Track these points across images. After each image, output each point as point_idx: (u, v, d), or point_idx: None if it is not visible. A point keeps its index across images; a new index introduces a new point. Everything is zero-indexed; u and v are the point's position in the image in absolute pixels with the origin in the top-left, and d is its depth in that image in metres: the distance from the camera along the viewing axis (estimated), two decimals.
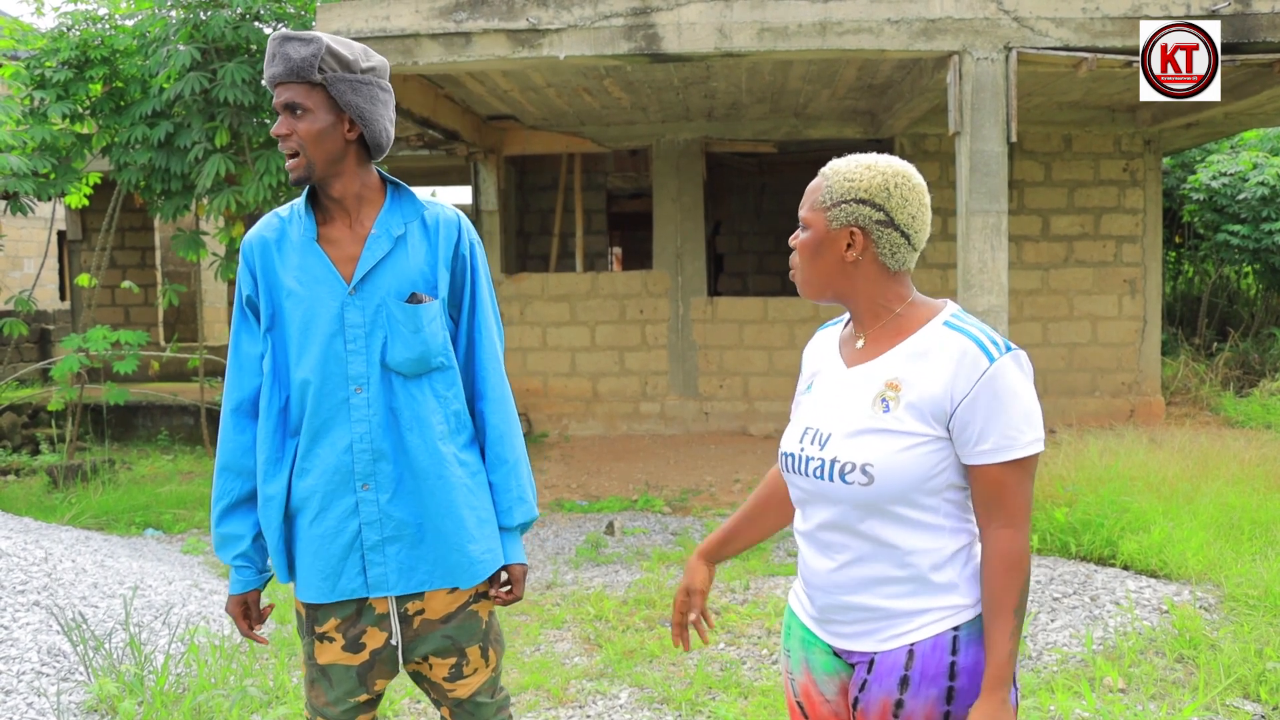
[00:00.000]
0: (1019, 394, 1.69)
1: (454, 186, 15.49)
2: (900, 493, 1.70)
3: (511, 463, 2.23)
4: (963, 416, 1.68)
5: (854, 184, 1.74)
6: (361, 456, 2.12)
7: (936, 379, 1.70)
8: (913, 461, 1.69)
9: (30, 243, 15.83)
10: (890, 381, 1.74)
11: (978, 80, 6.40)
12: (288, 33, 2.07)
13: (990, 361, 1.68)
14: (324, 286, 2.11)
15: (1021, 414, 1.68)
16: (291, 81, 2.05)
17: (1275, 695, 3.64)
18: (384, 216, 2.15)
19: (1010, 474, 1.68)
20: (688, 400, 10.35)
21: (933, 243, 10.23)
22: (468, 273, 2.21)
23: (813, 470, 1.78)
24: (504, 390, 2.26)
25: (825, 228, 1.76)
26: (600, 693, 3.91)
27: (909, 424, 1.70)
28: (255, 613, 2.23)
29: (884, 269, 1.77)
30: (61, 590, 4.52)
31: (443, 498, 2.14)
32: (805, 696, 1.90)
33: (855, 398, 1.77)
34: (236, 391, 2.19)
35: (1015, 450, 1.67)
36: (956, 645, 1.72)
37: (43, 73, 7.99)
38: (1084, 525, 5.51)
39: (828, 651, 1.85)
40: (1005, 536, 1.69)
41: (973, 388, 1.67)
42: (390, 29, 6.57)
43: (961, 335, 1.72)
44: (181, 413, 10.49)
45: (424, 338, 2.12)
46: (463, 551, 2.15)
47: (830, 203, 1.76)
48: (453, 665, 2.21)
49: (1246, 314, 13.21)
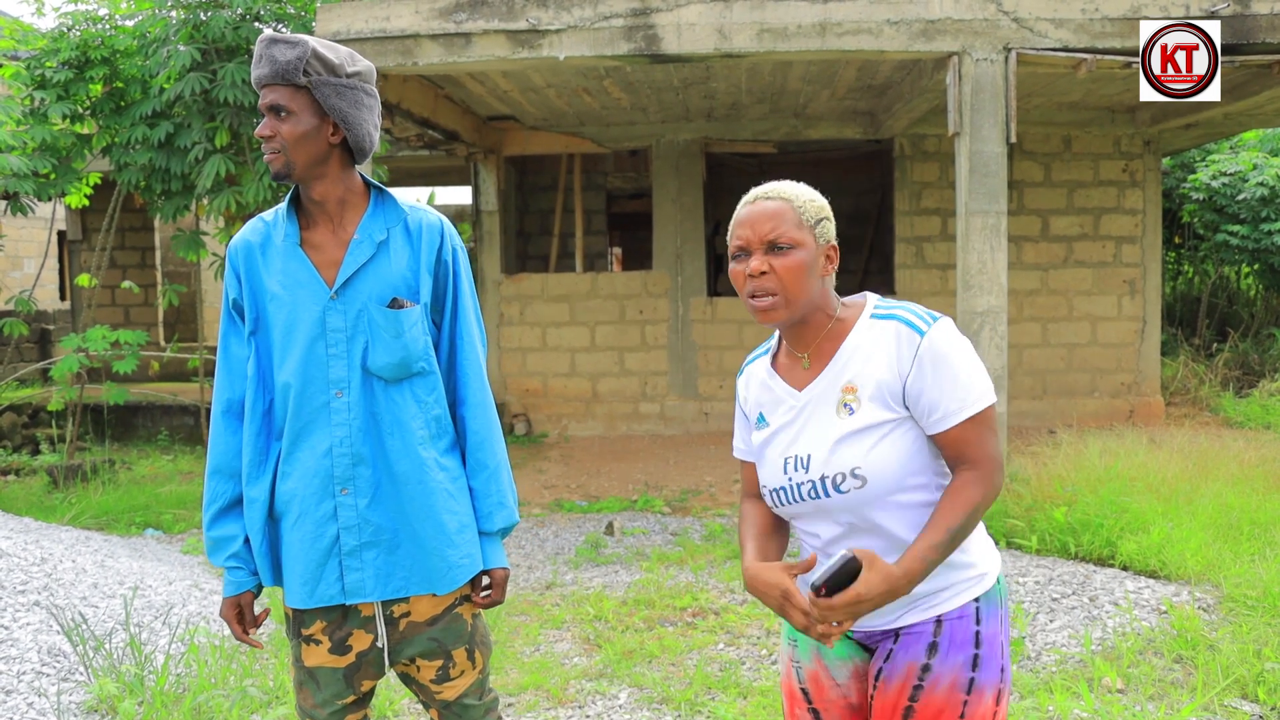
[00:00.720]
0: (955, 357, 1.78)
1: (454, 187, 15.49)
2: (895, 482, 1.79)
3: (492, 468, 2.23)
4: (914, 391, 1.78)
5: (816, 204, 1.87)
6: (341, 461, 2.12)
7: (882, 366, 1.80)
8: (892, 449, 1.78)
9: (30, 243, 15.83)
10: (846, 386, 1.83)
11: (977, 81, 6.41)
12: (274, 35, 2.08)
13: (921, 335, 1.78)
14: (306, 290, 2.12)
15: (963, 375, 1.78)
16: (276, 83, 2.06)
17: (1273, 696, 3.65)
18: (367, 221, 2.16)
19: (968, 431, 1.78)
20: (687, 401, 10.36)
21: (933, 243, 10.24)
22: (450, 278, 2.22)
23: (807, 493, 1.84)
24: (485, 395, 2.26)
25: (815, 245, 1.84)
26: (600, 693, 3.91)
27: (876, 415, 1.79)
28: (249, 616, 2.21)
29: (832, 279, 1.91)
30: (62, 590, 4.53)
31: (422, 502, 2.14)
32: (813, 682, 1.95)
33: (820, 414, 1.85)
34: (226, 393, 2.20)
35: (966, 410, 1.77)
36: (979, 615, 1.83)
37: (43, 73, 8.00)
38: (1083, 526, 5.51)
39: (843, 637, 1.90)
40: (964, 476, 1.78)
41: (913, 362, 1.77)
42: (390, 29, 6.58)
43: (891, 320, 1.82)
44: (181, 413, 10.50)
45: (405, 343, 2.13)
46: (441, 556, 2.16)
47: (812, 221, 1.84)
48: (439, 668, 2.22)
49: (1246, 314, 13.21)
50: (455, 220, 16.33)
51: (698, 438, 9.99)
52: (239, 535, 2.18)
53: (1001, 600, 1.87)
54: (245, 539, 2.19)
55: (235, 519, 2.19)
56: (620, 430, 10.38)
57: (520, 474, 8.52)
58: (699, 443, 9.71)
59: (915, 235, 10.29)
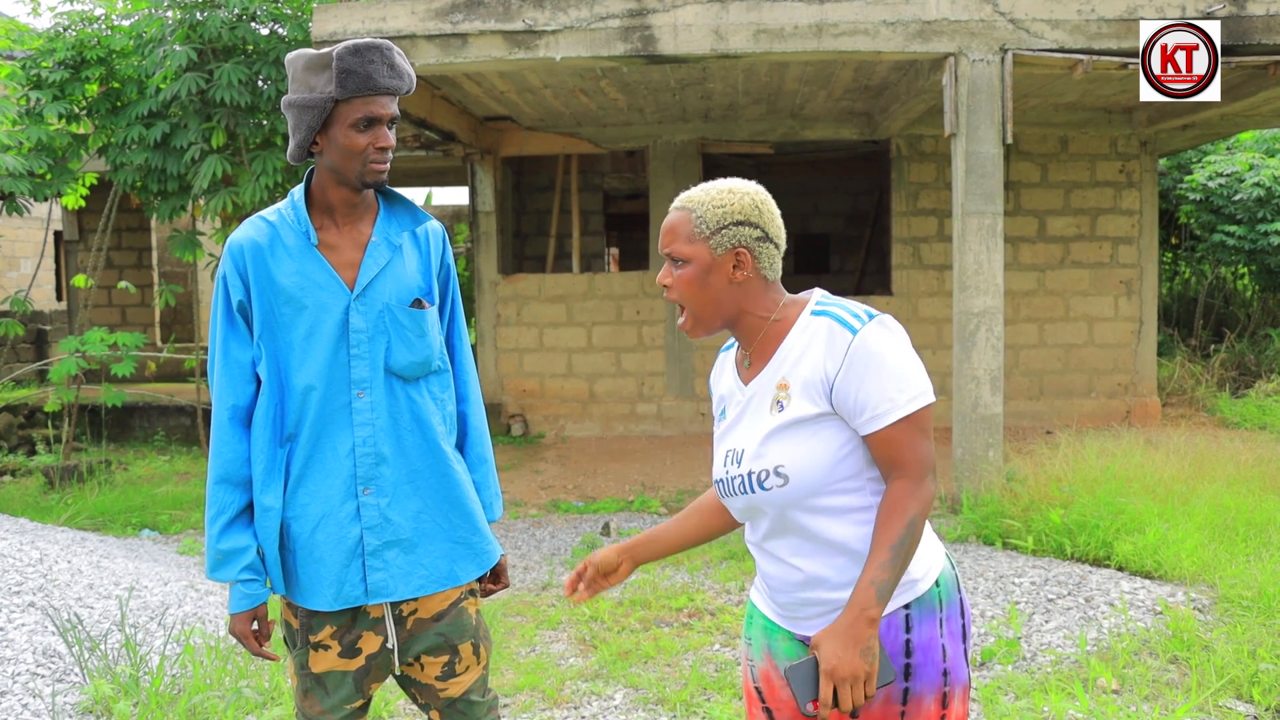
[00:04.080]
0: (887, 357, 1.74)
1: (451, 187, 15.49)
2: (818, 484, 1.77)
3: (490, 461, 2.37)
4: (840, 390, 1.75)
5: (727, 209, 1.82)
6: (364, 461, 2.13)
7: (813, 362, 1.78)
8: (818, 449, 1.77)
9: (27, 243, 15.81)
10: (780, 383, 1.82)
11: (973, 82, 6.41)
12: (387, 43, 2.09)
13: (853, 334, 1.75)
14: (326, 292, 2.12)
15: (894, 375, 1.74)
16: (395, 95, 2.10)
17: (1268, 696, 3.65)
18: (382, 223, 2.18)
19: (898, 433, 1.74)
20: (684, 401, 10.36)
21: (929, 244, 10.25)
22: (449, 280, 2.31)
23: (737, 487, 1.85)
24: (479, 392, 2.39)
25: (709, 256, 1.82)
26: (595, 694, 3.91)
27: (804, 410, 1.77)
28: (264, 629, 2.17)
29: (764, 281, 1.86)
30: (57, 591, 4.52)
31: (448, 494, 2.20)
32: (765, 681, 1.95)
33: (757, 410, 1.85)
34: (230, 399, 2.13)
35: (896, 411, 1.73)
36: (909, 623, 1.78)
37: (39, 73, 7.99)
38: (1079, 526, 5.52)
39: (789, 638, 1.90)
40: (897, 485, 1.75)
41: (842, 361, 1.74)
42: (386, 30, 6.57)
43: (825, 317, 1.80)
44: (178, 413, 10.49)
45: (428, 341, 2.18)
46: (469, 544, 2.21)
47: (709, 231, 1.82)
48: (445, 664, 2.23)
49: (1243, 315, 13.22)
50: (452, 221, 16.33)
51: (694, 438, 9.99)
52: (251, 545, 2.12)
53: (943, 602, 1.82)
54: (256, 548, 2.13)
55: (245, 529, 2.13)
56: (617, 431, 10.38)
57: (517, 474, 8.52)
58: (695, 443, 9.70)
59: (912, 236, 10.29)
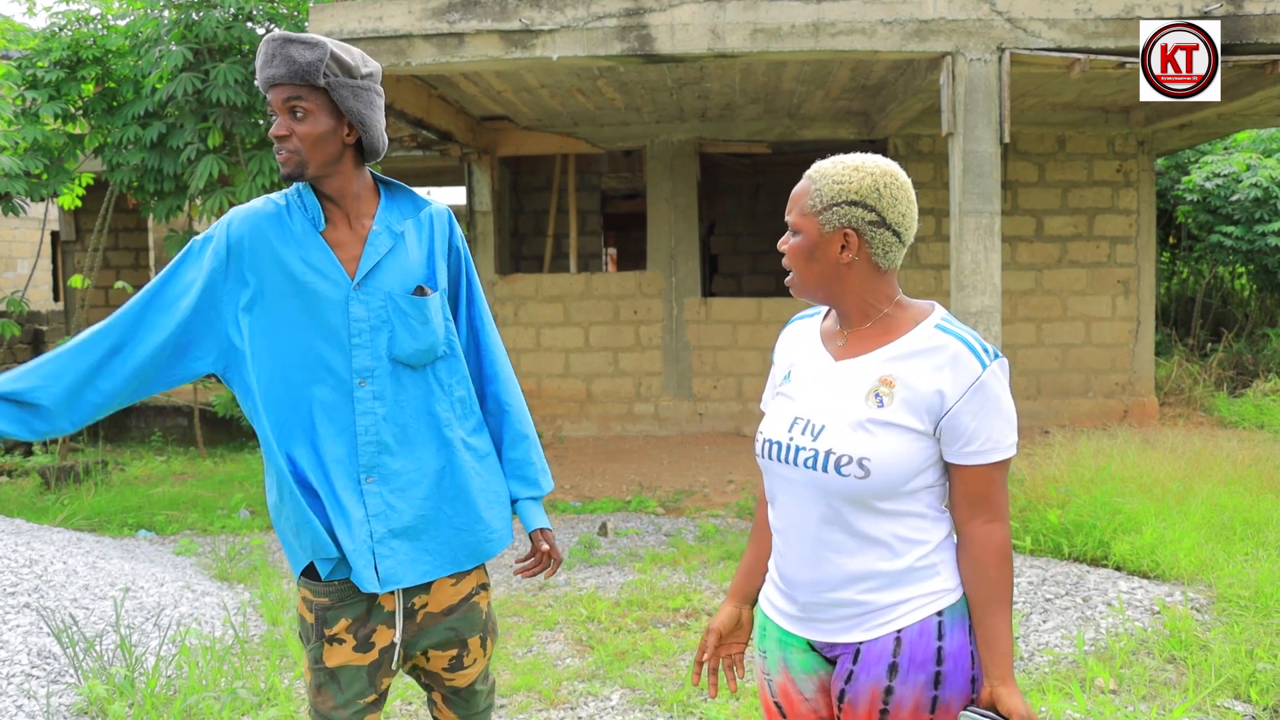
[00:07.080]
0: (1003, 400, 1.76)
1: (448, 187, 15.47)
2: (892, 486, 1.74)
3: (531, 438, 2.34)
4: (955, 417, 1.73)
5: (844, 186, 1.76)
6: (366, 449, 2.12)
7: (931, 379, 1.73)
8: (907, 456, 1.74)
9: (23, 243, 15.80)
10: (884, 378, 1.76)
11: (971, 81, 6.40)
12: (289, 34, 2.06)
13: (983, 368, 1.73)
14: (328, 280, 2.11)
15: (1006, 419, 1.76)
16: (293, 83, 2.04)
17: (1265, 696, 3.65)
18: (383, 213, 2.18)
19: (995, 473, 1.76)
20: (681, 401, 10.35)
21: (926, 243, 10.24)
22: (461, 263, 2.29)
23: (804, 460, 1.79)
24: (511, 371, 2.36)
25: (818, 232, 1.77)
26: (592, 694, 3.91)
27: (904, 419, 1.74)
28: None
29: (876, 268, 1.79)
30: (52, 592, 4.51)
31: (450, 483, 2.18)
32: (784, 696, 1.91)
33: (848, 391, 1.79)
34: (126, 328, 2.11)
35: (999, 452, 1.75)
36: (941, 630, 1.76)
37: (35, 73, 7.97)
38: (1077, 526, 5.51)
39: (805, 649, 1.86)
40: (995, 530, 1.76)
41: (966, 391, 1.72)
42: (383, 29, 6.56)
43: (955, 339, 1.76)
44: (175, 414, 10.47)
45: (432, 328, 2.17)
46: (471, 533, 2.20)
47: (821, 206, 1.77)
48: (453, 657, 2.23)
49: (1240, 315, 13.23)
50: None
51: (692, 438, 9.99)
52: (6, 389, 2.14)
53: None
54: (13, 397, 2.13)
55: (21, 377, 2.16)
56: (614, 431, 10.36)
57: None
58: (693, 443, 9.70)
59: None
